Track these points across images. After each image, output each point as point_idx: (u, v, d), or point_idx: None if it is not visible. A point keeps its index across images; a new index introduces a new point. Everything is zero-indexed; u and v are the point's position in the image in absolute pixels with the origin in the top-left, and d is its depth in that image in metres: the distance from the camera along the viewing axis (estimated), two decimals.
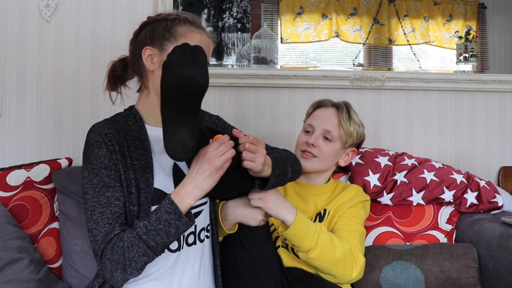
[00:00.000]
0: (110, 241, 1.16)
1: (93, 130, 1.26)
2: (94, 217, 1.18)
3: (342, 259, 1.37)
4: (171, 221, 1.12)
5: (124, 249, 1.13)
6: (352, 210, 1.52)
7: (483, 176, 2.07)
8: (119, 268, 1.14)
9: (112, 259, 1.14)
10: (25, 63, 1.91)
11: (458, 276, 1.56)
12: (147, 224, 1.13)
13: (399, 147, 2.09)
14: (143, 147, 1.27)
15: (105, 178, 1.20)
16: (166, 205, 1.14)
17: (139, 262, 1.14)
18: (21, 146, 1.91)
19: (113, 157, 1.22)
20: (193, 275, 1.30)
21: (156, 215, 1.14)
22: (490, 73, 2.20)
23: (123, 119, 1.31)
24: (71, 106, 1.94)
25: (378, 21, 2.29)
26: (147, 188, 1.23)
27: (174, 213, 1.13)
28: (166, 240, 1.14)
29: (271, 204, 1.32)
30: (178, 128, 1.09)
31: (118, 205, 1.19)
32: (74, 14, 1.94)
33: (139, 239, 1.13)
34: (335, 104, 1.61)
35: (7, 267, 1.45)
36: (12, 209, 1.59)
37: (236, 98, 2.04)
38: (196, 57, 1.11)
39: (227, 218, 1.35)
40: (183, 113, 1.10)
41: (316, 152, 1.54)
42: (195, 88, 1.09)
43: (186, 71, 1.08)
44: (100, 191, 1.20)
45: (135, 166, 1.24)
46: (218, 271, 1.35)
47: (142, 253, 1.13)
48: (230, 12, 2.18)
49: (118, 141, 1.24)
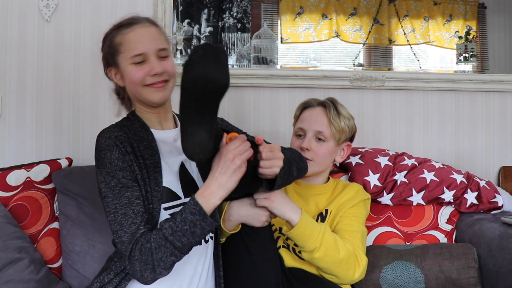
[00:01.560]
0: (137, 242, 1.16)
1: (103, 135, 1.27)
2: (118, 219, 1.18)
3: (345, 259, 1.37)
4: (196, 222, 1.13)
5: (152, 250, 1.14)
6: (354, 210, 1.52)
7: (483, 176, 2.07)
8: (148, 268, 1.15)
9: (141, 260, 1.15)
10: (25, 63, 1.91)
11: (458, 276, 1.56)
12: (173, 225, 1.14)
13: (399, 147, 2.09)
14: (151, 147, 1.29)
15: (122, 179, 1.21)
16: (191, 206, 1.15)
17: (167, 262, 1.15)
18: (21, 146, 1.91)
19: (126, 158, 1.23)
20: (195, 276, 1.30)
21: (181, 216, 1.14)
22: (490, 73, 2.20)
23: (129, 123, 1.34)
24: (71, 106, 1.94)
25: (378, 21, 2.29)
26: (156, 187, 1.25)
27: (199, 214, 1.14)
28: (192, 240, 1.15)
29: (277, 204, 1.32)
30: (196, 128, 1.11)
31: (139, 203, 1.20)
32: (74, 14, 1.94)
33: (165, 240, 1.13)
34: (321, 103, 1.59)
35: (7, 267, 1.45)
36: (12, 209, 1.60)
37: (236, 98, 2.04)
38: (218, 57, 1.12)
39: (231, 219, 1.35)
40: (202, 114, 1.11)
41: (311, 155, 1.52)
42: (216, 88, 1.11)
43: (208, 71, 1.09)
44: (120, 193, 1.20)
45: (145, 166, 1.26)
46: (221, 272, 1.35)
47: (169, 253, 1.14)
48: (230, 12, 2.18)
49: (129, 142, 1.26)
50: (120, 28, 1.30)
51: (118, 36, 1.29)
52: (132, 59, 1.26)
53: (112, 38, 1.30)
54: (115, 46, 1.29)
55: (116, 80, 1.34)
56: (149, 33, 1.29)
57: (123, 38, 1.28)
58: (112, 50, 1.30)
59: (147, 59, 1.27)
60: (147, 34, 1.29)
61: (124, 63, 1.28)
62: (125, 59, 1.28)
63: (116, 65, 1.30)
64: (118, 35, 1.29)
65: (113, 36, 1.30)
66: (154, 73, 1.26)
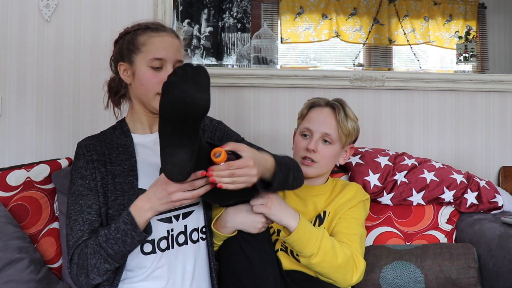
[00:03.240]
0: (78, 247, 1.22)
1: (78, 144, 1.36)
2: (70, 224, 1.26)
3: (343, 265, 1.36)
4: (127, 231, 1.17)
5: (88, 255, 1.20)
6: (352, 211, 1.50)
7: (483, 176, 2.07)
8: (83, 273, 1.20)
9: (78, 264, 1.21)
10: (25, 63, 1.91)
11: (458, 276, 1.56)
12: (107, 232, 1.19)
13: (399, 147, 2.09)
14: (128, 152, 1.34)
15: (80, 187, 1.28)
16: (124, 216, 1.19)
17: (101, 269, 1.19)
18: (21, 146, 1.91)
19: (89, 166, 1.30)
20: (186, 275, 1.31)
21: (115, 225, 1.19)
22: (490, 73, 2.20)
23: (111, 131, 1.40)
24: (71, 106, 1.94)
25: (378, 21, 2.29)
26: (130, 190, 1.29)
27: (130, 223, 1.18)
28: (123, 249, 1.19)
29: (273, 210, 1.31)
30: (176, 150, 1.08)
31: (90, 212, 1.26)
32: (74, 14, 1.94)
33: (99, 246, 1.19)
34: (330, 104, 1.56)
35: (7, 267, 1.45)
36: (12, 209, 1.59)
37: (236, 98, 2.04)
38: (198, 79, 1.08)
39: (227, 225, 1.34)
40: (182, 136, 1.08)
41: (317, 157, 1.50)
42: (195, 111, 1.07)
43: (187, 94, 1.06)
44: (75, 200, 1.28)
45: (117, 171, 1.30)
46: (213, 274, 1.35)
47: (103, 260, 1.19)
48: (230, 12, 2.18)
49: (97, 150, 1.32)
50: (147, 29, 1.33)
51: (143, 36, 1.32)
52: (151, 61, 1.29)
53: (136, 36, 1.33)
54: (137, 45, 1.32)
55: (123, 76, 1.36)
56: (173, 44, 1.34)
57: (148, 40, 1.31)
58: (132, 47, 1.32)
59: (164, 66, 1.30)
60: (172, 44, 1.33)
61: (140, 63, 1.31)
62: (143, 59, 1.30)
63: (131, 62, 1.33)
64: (143, 35, 1.32)
65: (138, 35, 1.33)
66: None
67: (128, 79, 1.35)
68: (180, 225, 1.32)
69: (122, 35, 1.38)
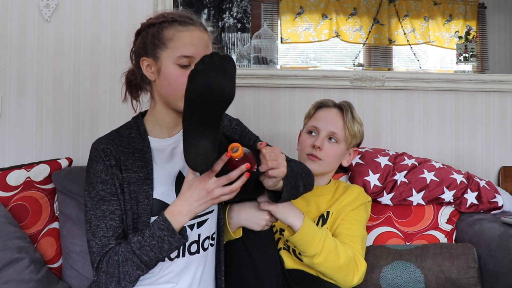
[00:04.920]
0: (105, 254, 1.18)
1: (93, 146, 1.27)
2: (92, 229, 1.21)
3: (345, 265, 1.37)
4: (164, 238, 1.14)
5: (119, 263, 1.16)
6: (355, 213, 1.52)
7: (483, 176, 2.07)
8: (113, 281, 1.17)
9: (107, 272, 1.17)
10: (25, 63, 1.91)
11: (458, 276, 1.56)
12: (141, 239, 1.15)
13: (399, 147, 2.09)
14: (144, 159, 1.26)
15: (101, 192, 1.22)
16: (159, 222, 1.15)
17: (133, 276, 1.16)
18: (21, 146, 1.91)
19: (109, 171, 1.23)
20: (194, 281, 1.30)
21: (149, 231, 1.15)
22: (490, 73, 2.20)
23: (127, 132, 1.30)
24: (71, 106, 1.94)
25: (378, 21, 2.28)
26: (145, 200, 1.23)
27: (167, 230, 1.14)
28: (159, 255, 1.16)
29: (280, 208, 1.32)
30: (200, 139, 1.08)
31: (113, 218, 1.21)
32: (74, 15, 1.94)
33: (133, 253, 1.15)
34: (338, 105, 1.60)
35: (7, 267, 1.45)
36: (12, 209, 1.59)
37: (236, 98, 2.01)
38: (225, 68, 1.07)
39: (231, 221, 1.36)
40: (206, 124, 1.08)
41: (322, 155, 1.53)
42: (221, 100, 1.07)
43: (213, 82, 1.06)
44: (97, 204, 1.22)
45: (132, 179, 1.24)
46: (222, 277, 1.35)
47: (136, 267, 1.16)
48: (230, 12, 2.18)
49: (114, 155, 1.25)
50: (173, 22, 1.22)
51: (170, 30, 1.21)
52: (179, 59, 1.20)
53: (161, 29, 1.22)
54: (163, 39, 1.21)
55: (146, 72, 1.25)
56: (203, 39, 1.23)
57: (176, 35, 1.21)
58: (158, 42, 1.21)
59: (192, 64, 1.19)
60: (201, 39, 1.23)
61: (167, 59, 1.21)
62: (170, 56, 1.20)
63: (156, 58, 1.22)
64: (170, 29, 1.21)
65: (164, 28, 1.22)
66: None
67: (152, 75, 1.24)
68: (194, 235, 1.29)
69: (145, 27, 1.26)
